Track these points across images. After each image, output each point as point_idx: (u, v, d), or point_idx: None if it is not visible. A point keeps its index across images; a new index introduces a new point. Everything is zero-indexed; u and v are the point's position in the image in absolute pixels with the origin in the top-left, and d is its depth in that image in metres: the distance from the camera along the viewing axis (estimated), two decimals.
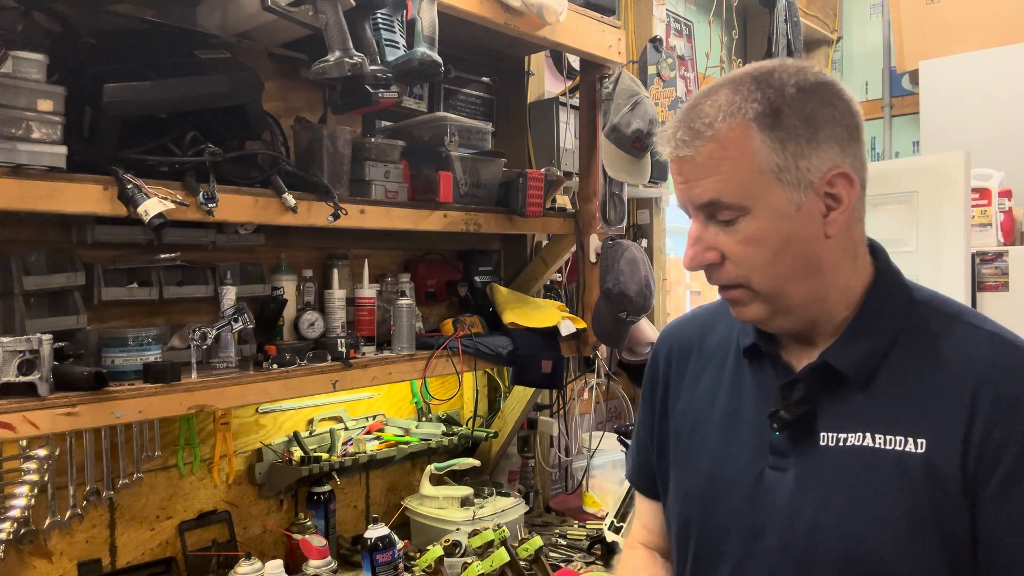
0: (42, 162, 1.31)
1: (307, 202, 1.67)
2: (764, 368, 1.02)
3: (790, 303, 0.94)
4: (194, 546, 1.87)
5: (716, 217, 0.93)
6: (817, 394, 0.95)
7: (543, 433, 2.71)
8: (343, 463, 2.04)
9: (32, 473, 1.56)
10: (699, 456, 1.05)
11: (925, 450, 0.87)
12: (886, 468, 0.89)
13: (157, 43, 1.62)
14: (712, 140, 0.90)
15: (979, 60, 3.50)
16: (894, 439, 0.89)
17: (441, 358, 2.01)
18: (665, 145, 0.95)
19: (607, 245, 2.33)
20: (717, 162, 0.90)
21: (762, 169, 0.89)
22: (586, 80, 2.36)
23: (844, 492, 0.90)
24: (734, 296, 0.96)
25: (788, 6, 3.51)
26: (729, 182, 0.90)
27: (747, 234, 0.91)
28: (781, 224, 0.91)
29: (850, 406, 0.93)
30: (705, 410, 1.06)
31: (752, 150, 0.89)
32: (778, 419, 0.95)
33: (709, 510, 1.02)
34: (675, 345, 1.16)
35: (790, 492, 0.94)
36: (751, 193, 0.90)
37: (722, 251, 0.93)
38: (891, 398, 0.91)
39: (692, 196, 0.93)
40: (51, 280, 1.54)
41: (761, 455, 0.98)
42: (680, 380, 1.12)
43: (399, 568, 1.94)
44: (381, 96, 1.65)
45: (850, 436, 0.92)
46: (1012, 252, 2.86)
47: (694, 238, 0.95)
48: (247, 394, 1.62)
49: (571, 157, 2.63)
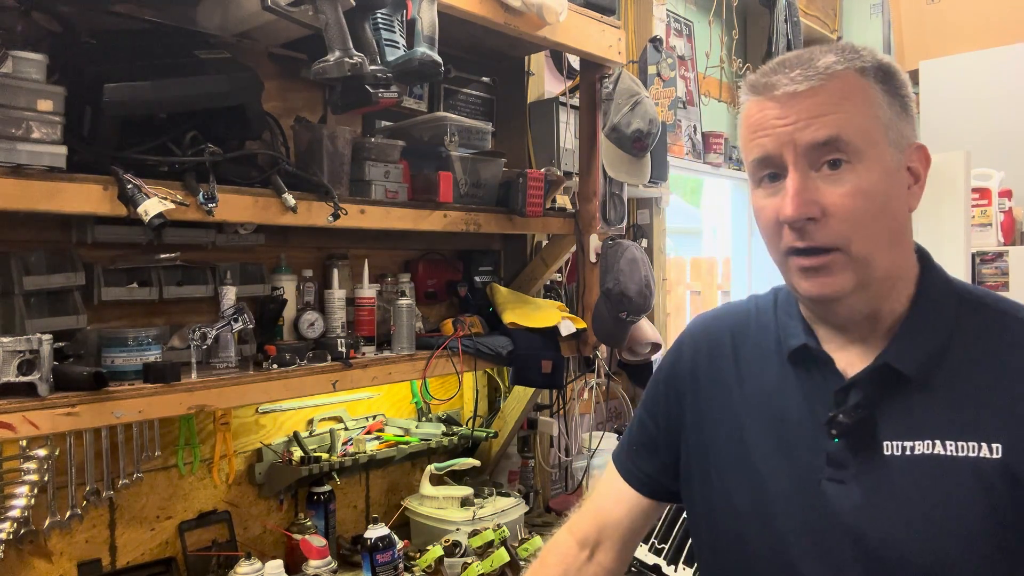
0: (42, 162, 1.31)
1: (307, 202, 1.67)
2: (811, 374, 0.96)
3: (874, 275, 0.89)
4: (194, 546, 1.87)
5: (820, 165, 0.88)
6: (876, 399, 0.90)
7: (543, 433, 2.71)
8: (343, 463, 2.04)
9: (32, 473, 1.56)
10: (745, 467, 0.99)
11: (1002, 455, 0.84)
12: (961, 477, 0.85)
13: (157, 43, 1.62)
14: (837, 78, 0.88)
15: (979, 60, 3.50)
16: (966, 445, 0.85)
17: (441, 358, 2.01)
18: (780, 80, 0.89)
19: (607, 245, 2.33)
20: (840, 100, 0.87)
21: (879, 117, 0.88)
22: (586, 80, 2.36)
23: (918, 505, 0.86)
24: (826, 261, 0.88)
25: (788, 6, 3.52)
26: (851, 122, 0.87)
27: (857, 185, 0.87)
28: (887, 180, 0.88)
29: (914, 411, 0.89)
30: (746, 418, 1.00)
31: (872, 96, 0.89)
32: (837, 424, 0.90)
33: (765, 526, 0.96)
34: (703, 343, 1.10)
35: (855, 507, 0.89)
36: (870, 139, 0.87)
37: (824, 205, 0.87)
38: (956, 401, 0.87)
39: (806, 135, 0.87)
40: (51, 280, 1.54)
41: (816, 467, 0.92)
42: (714, 383, 1.06)
43: (399, 568, 1.94)
44: (381, 96, 1.65)
45: (917, 444, 0.87)
46: (1012, 252, 2.86)
47: (797, 189, 0.87)
48: (247, 394, 1.62)
49: (571, 157, 2.63)
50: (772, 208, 0.91)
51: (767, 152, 0.90)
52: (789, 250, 0.90)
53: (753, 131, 0.92)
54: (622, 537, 1.15)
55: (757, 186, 0.94)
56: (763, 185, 0.93)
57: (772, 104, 0.90)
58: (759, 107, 0.91)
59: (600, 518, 1.16)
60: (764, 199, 0.92)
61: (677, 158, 3.40)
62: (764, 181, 0.93)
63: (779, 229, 0.90)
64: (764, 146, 0.90)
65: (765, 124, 0.90)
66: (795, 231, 0.89)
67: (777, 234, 0.91)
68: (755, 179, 0.94)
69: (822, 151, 0.87)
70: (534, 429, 2.67)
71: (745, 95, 0.95)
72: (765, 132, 0.90)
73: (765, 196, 0.92)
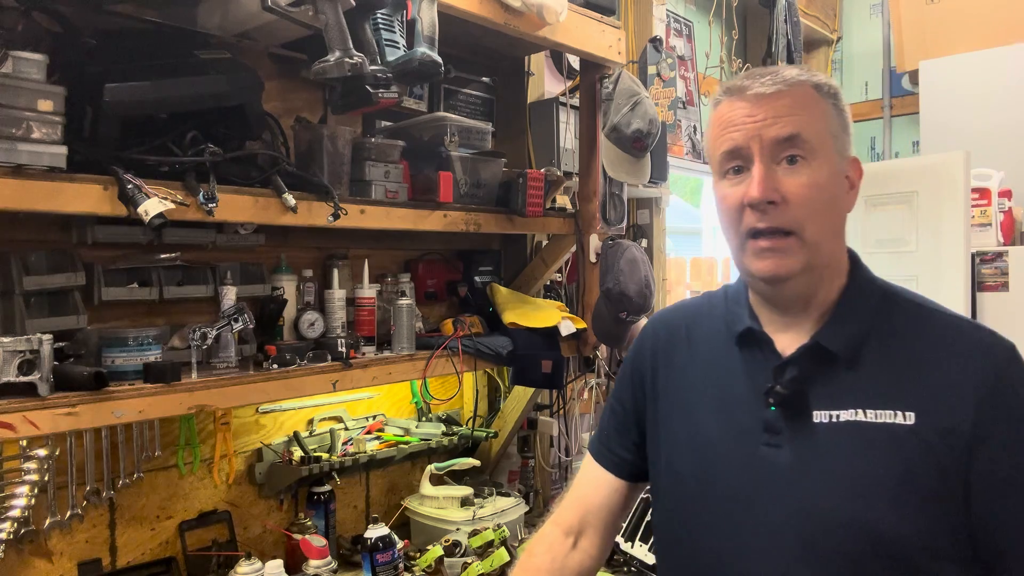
0: (42, 162, 1.31)
1: (307, 202, 1.67)
2: (754, 353, 1.09)
3: (818, 261, 1.03)
4: (194, 546, 1.87)
5: (781, 160, 1.01)
6: (808, 374, 1.02)
7: (543, 433, 2.71)
8: (343, 463, 2.04)
9: (32, 473, 1.56)
10: (693, 437, 1.11)
11: (914, 422, 0.96)
12: (879, 440, 0.97)
13: (157, 43, 1.62)
14: (798, 88, 1.03)
15: (979, 60, 3.50)
16: (884, 413, 0.98)
17: (441, 358, 2.01)
18: (751, 84, 1.03)
19: (607, 245, 2.33)
20: (801, 106, 1.02)
21: (829, 127, 1.04)
22: (586, 80, 2.36)
23: (843, 464, 0.98)
24: (783, 244, 1.01)
25: (788, 6, 3.51)
26: (809, 124, 1.01)
27: (812, 178, 1.00)
28: (833, 180, 1.03)
29: (840, 385, 1.01)
30: (696, 393, 1.13)
31: (824, 109, 1.04)
32: (774, 394, 1.02)
33: (706, 488, 1.07)
34: (662, 332, 1.23)
35: (787, 468, 1.01)
36: (822, 141, 1.02)
37: (784, 192, 1.00)
38: (877, 376, 1.00)
39: (772, 131, 1.00)
40: (51, 280, 1.54)
41: (755, 434, 1.04)
42: (669, 364, 1.18)
43: (399, 568, 1.94)
44: (381, 96, 1.65)
45: (843, 412, 1.00)
46: (1012, 252, 2.86)
47: (762, 176, 1.00)
48: (247, 394, 1.62)
49: (571, 157, 2.63)
50: (737, 195, 1.03)
51: (736, 144, 1.03)
52: (750, 231, 1.02)
53: (724, 127, 1.05)
54: (603, 521, 1.23)
55: (722, 178, 1.07)
56: (728, 176, 1.05)
57: (743, 104, 1.03)
58: (730, 106, 1.05)
59: (582, 506, 1.24)
60: (729, 188, 1.05)
61: (677, 158, 3.40)
62: (729, 173, 1.05)
63: (741, 213, 1.03)
64: (734, 139, 1.03)
65: (736, 120, 1.03)
66: (757, 212, 1.01)
67: (739, 218, 1.03)
68: (721, 171, 1.07)
69: (783, 146, 1.01)
70: (534, 429, 2.67)
71: (718, 97, 1.08)
72: (735, 127, 1.03)
73: (730, 185, 1.05)
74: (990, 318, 2.79)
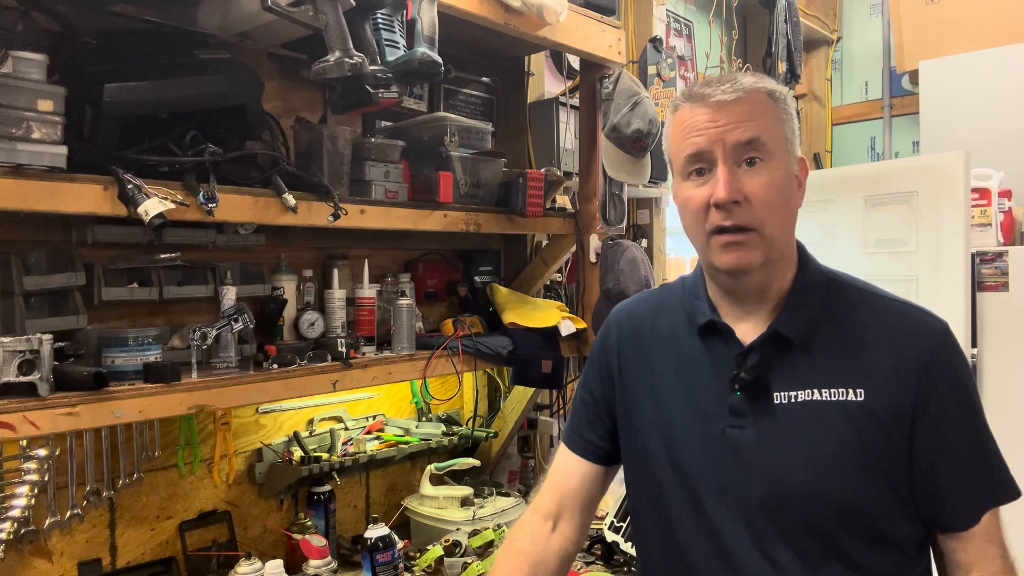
0: (42, 162, 1.31)
1: (307, 202, 1.67)
2: (716, 343, 1.17)
3: (775, 255, 1.11)
4: (194, 546, 1.87)
5: (741, 162, 1.08)
6: (768, 359, 1.11)
7: (543, 433, 2.71)
8: (343, 463, 2.04)
9: (32, 473, 1.56)
10: (662, 423, 1.18)
11: (864, 398, 1.07)
12: (834, 416, 1.07)
13: (157, 43, 1.62)
14: (755, 94, 1.10)
15: (979, 60, 3.50)
16: (837, 391, 1.08)
17: (441, 358, 2.01)
18: (712, 92, 1.09)
19: (607, 245, 2.33)
20: (760, 111, 1.09)
21: (783, 131, 1.11)
22: (586, 80, 2.36)
23: (802, 440, 1.08)
24: (744, 239, 1.08)
25: (788, 6, 3.52)
26: (767, 128, 1.09)
27: (770, 179, 1.08)
28: (788, 180, 1.11)
29: (796, 368, 1.11)
30: (664, 381, 1.20)
31: (777, 114, 1.11)
32: (739, 380, 1.11)
33: (679, 471, 1.15)
34: (626, 324, 1.29)
35: (752, 446, 1.10)
36: (778, 143, 1.10)
37: (746, 193, 1.07)
38: (829, 359, 1.10)
39: (734, 135, 1.07)
40: (51, 280, 1.54)
41: (721, 417, 1.12)
42: (636, 355, 1.25)
43: (399, 568, 1.94)
44: (381, 96, 1.65)
45: (800, 393, 1.09)
46: (1012, 252, 2.86)
47: (728, 178, 1.07)
48: (247, 394, 1.62)
49: (571, 157, 2.63)
50: (701, 196, 1.10)
51: (700, 148, 1.09)
52: (714, 229, 1.09)
53: (687, 132, 1.11)
54: (580, 505, 1.29)
55: (685, 179, 1.13)
56: (691, 178, 1.12)
57: (704, 110, 1.10)
58: (693, 112, 1.11)
59: (559, 492, 1.30)
60: (693, 189, 1.11)
61: None
62: (692, 175, 1.12)
63: (706, 212, 1.09)
64: (698, 143, 1.10)
65: (699, 126, 1.10)
66: (722, 212, 1.08)
67: (703, 216, 1.10)
68: (684, 173, 1.13)
69: (744, 149, 1.08)
70: (534, 429, 2.67)
71: (679, 103, 1.14)
72: (699, 132, 1.10)
73: (694, 187, 1.11)
74: (990, 318, 2.79)
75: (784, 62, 3.56)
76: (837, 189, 3.01)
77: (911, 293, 2.76)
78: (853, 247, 2.95)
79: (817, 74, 4.43)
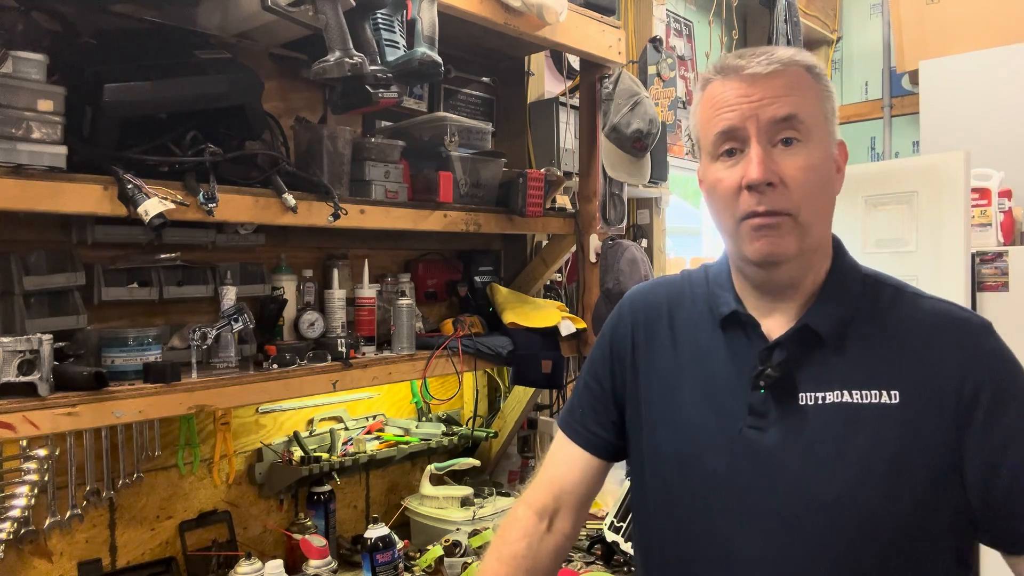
0: (42, 162, 1.31)
1: (307, 202, 1.67)
2: (739, 336, 1.08)
3: (811, 244, 1.02)
4: (194, 546, 1.87)
5: (777, 142, 0.99)
6: (796, 356, 1.02)
7: (543, 433, 2.70)
8: (343, 463, 2.04)
9: (32, 473, 1.56)
10: (676, 419, 1.09)
11: (899, 400, 0.97)
12: (865, 420, 0.98)
13: (157, 43, 1.62)
14: (793, 68, 1.01)
15: (979, 60, 3.50)
16: (870, 393, 0.99)
17: (441, 358, 2.01)
18: (746, 64, 1.00)
19: (607, 245, 2.33)
20: (798, 86, 1.00)
21: (822, 109, 1.02)
22: (586, 80, 2.36)
23: (828, 446, 0.98)
24: (778, 222, 0.99)
25: (788, 6, 3.52)
26: (805, 105, 1.00)
27: (808, 160, 0.99)
28: (828, 162, 1.02)
29: (826, 367, 1.01)
30: (679, 374, 1.11)
31: (817, 90, 1.02)
32: (765, 377, 1.02)
33: (689, 470, 1.06)
34: (642, 310, 1.20)
35: (772, 450, 1.00)
36: (817, 122, 1.01)
37: (782, 175, 0.98)
38: (861, 357, 1.01)
39: (769, 111, 0.98)
40: (51, 280, 1.54)
41: (738, 416, 1.03)
42: (651, 344, 1.16)
43: (399, 568, 1.94)
44: (381, 96, 1.65)
45: (828, 394, 1.00)
46: (1012, 252, 2.86)
47: (761, 157, 0.98)
48: (247, 394, 1.62)
49: (571, 157, 2.63)
50: (733, 177, 1.00)
51: (732, 124, 1.00)
52: (747, 214, 1.00)
53: (718, 108, 1.02)
54: (577, 501, 1.21)
55: (714, 160, 1.03)
56: (721, 159, 1.02)
57: (738, 83, 1.01)
58: (724, 87, 1.02)
59: (555, 486, 1.21)
60: (723, 171, 1.02)
61: (677, 158, 3.40)
62: (723, 156, 1.02)
63: (737, 196, 1.00)
64: (730, 119, 1.00)
65: (731, 101, 1.00)
66: (755, 195, 0.98)
67: (734, 201, 1.01)
68: (714, 154, 1.03)
69: (780, 127, 0.99)
70: (534, 429, 2.67)
71: (709, 77, 1.05)
72: (731, 107, 1.00)
73: (724, 168, 1.02)
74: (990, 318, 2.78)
75: None
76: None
77: None
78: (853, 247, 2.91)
79: None
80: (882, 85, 4.35)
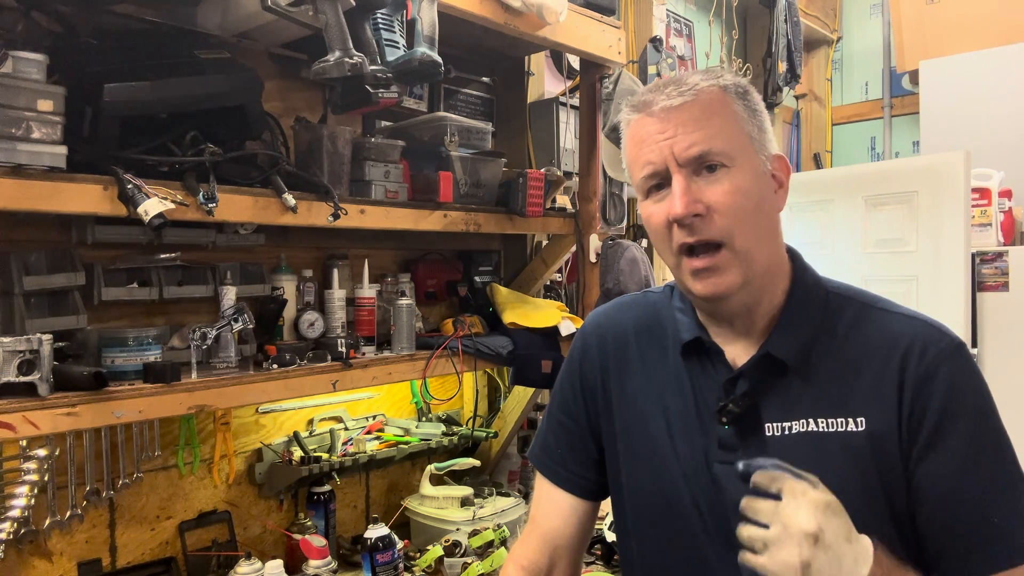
0: (42, 162, 1.31)
1: (307, 202, 1.67)
2: (704, 364, 1.05)
3: (756, 270, 0.99)
4: (194, 546, 1.87)
5: (700, 170, 0.97)
6: (759, 386, 1.00)
7: None
8: (343, 463, 2.04)
9: (32, 473, 1.56)
10: (650, 452, 1.07)
11: (865, 427, 0.96)
12: (833, 449, 0.96)
13: (157, 43, 1.62)
14: (704, 93, 0.99)
15: (979, 60, 3.50)
16: (836, 421, 0.97)
17: (441, 358, 2.01)
18: (656, 98, 0.99)
19: (607, 245, 2.33)
20: (708, 116, 0.98)
21: (743, 128, 1.00)
22: (586, 80, 2.36)
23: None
24: (716, 261, 0.97)
25: (788, 6, 3.52)
26: (719, 135, 0.97)
27: (734, 184, 0.97)
28: (758, 182, 0.99)
29: (790, 395, 0.99)
30: (650, 407, 1.08)
31: (735, 110, 1.00)
32: (727, 413, 1.00)
33: (666, 506, 1.04)
34: (610, 335, 1.16)
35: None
36: (738, 145, 0.98)
37: (708, 203, 0.96)
38: (826, 383, 0.99)
39: (682, 148, 0.97)
40: (51, 280, 1.54)
41: (709, 451, 1.01)
42: (622, 371, 1.13)
43: (399, 568, 1.94)
44: (381, 96, 1.65)
45: (794, 424, 0.98)
46: (1012, 252, 2.86)
47: (683, 189, 0.97)
48: (247, 394, 1.62)
49: (571, 157, 2.63)
50: (661, 212, 0.99)
51: (652, 163, 0.99)
52: (681, 247, 0.99)
53: (639, 147, 1.01)
54: (572, 550, 1.17)
55: (645, 197, 1.03)
56: (651, 195, 1.02)
57: (651, 120, 1.00)
58: (641, 125, 1.01)
59: (547, 541, 1.16)
60: (653, 206, 1.02)
61: None
62: (652, 192, 1.02)
63: (669, 230, 0.99)
64: (649, 158, 1.00)
65: (648, 139, 1.00)
66: (684, 228, 0.97)
67: (668, 235, 1.00)
68: (643, 191, 1.03)
69: (699, 160, 0.97)
70: (534, 429, 2.66)
71: (627, 115, 1.05)
72: (648, 147, 1.00)
73: (653, 204, 1.01)
74: (990, 318, 2.79)
75: (784, 62, 3.56)
76: (837, 189, 3.01)
77: (911, 293, 2.76)
78: (853, 247, 2.95)
79: (817, 74, 4.43)
80: (882, 85, 4.35)
